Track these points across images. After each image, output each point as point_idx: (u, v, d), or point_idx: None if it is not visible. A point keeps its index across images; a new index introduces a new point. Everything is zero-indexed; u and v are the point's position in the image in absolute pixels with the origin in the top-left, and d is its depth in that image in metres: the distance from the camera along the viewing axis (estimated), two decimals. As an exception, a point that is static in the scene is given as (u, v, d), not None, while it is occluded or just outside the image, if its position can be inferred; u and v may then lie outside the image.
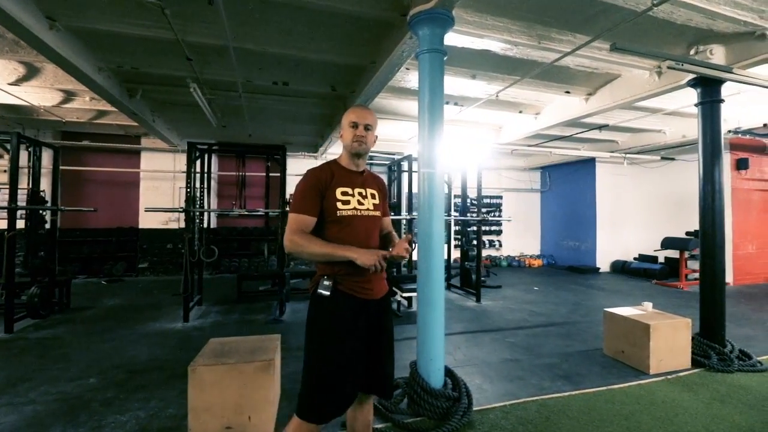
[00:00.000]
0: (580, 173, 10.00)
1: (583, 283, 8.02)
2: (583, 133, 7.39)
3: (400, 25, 3.29)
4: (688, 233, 7.80)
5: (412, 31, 2.94)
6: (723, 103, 3.73)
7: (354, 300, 1.62)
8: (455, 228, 8.22)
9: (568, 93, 5.35)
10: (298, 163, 9.08)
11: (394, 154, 8.49)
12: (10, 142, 4.44)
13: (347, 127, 1.69)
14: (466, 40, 3.63)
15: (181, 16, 3.30)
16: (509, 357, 3.72)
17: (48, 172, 6.07)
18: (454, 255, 8.32)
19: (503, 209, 11.06)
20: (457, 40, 3.62)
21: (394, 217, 6.22)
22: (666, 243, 7.90)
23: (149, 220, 8.31)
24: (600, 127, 6.97)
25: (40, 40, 3.23)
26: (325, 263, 1.61)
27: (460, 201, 7.58)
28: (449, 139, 7.23)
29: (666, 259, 8.55)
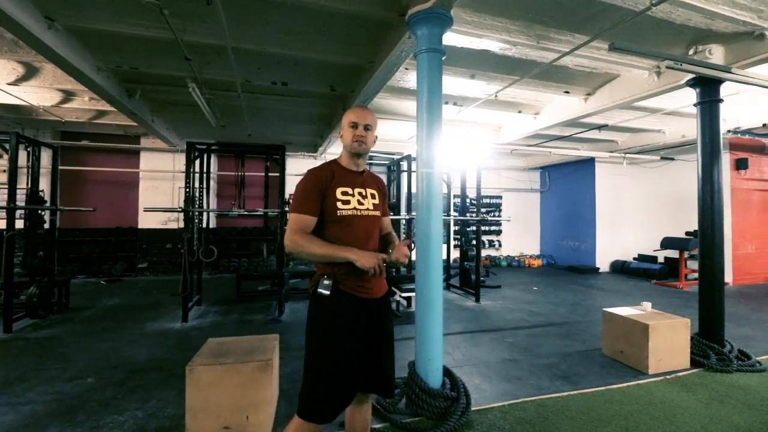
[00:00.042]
0: (580, 173, 10.00)
1: (583, 283, 8.01)
2: (583, 133, 7.39)
3: (398, 24, 3.29)
4: (687, 233, 7.79)
5: (411, 31, 2.95)
6: (722, 102, 3.73)
7: (354, 299, 1.62)
8: (455, 228, 8.22)
9: (568, 93, 5.35)
10: (298, 163, 9.09)
11: (393, 154, 8.50)
12: (9, 141, 4.44)
13: (347, 127, 1.69)
14: (465, 40, 3.63)
15: (180, 16, 3.30)
16: (508, 357, 3.72)
17: (47, 171, 6.09)
18: (454, 255, 8.32)
19: (503, 209, 11.06)
20: (456, 40, 3.62)
21: (394, 217, 6.22)
22: (665, 243, 7.90)
23: (148, 220, 8.31)
24: (599, 127, 6.97)
25: (38, 39, 3.24)
26: (326, 263, 1.61)
27: (459, 201, 7.58)
28: (449, 139, 7.25)
29: (665, 259, 8.55)
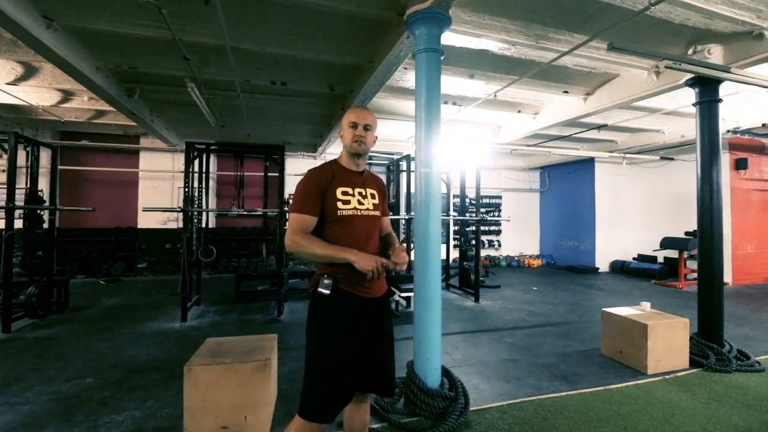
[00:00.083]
0: (579, 173, 9.99)
1: (582, 283, 8.01)
2: (582, 132, 7.39)
3: (397, 24, 3.28)
4: (687, 233, 7.79)
5: (409, 31, 2.94)
6: (721, 102, 3.73)
7: (354, 298, 1.62)
8: (454, 228, 8.22)
9: (567, 93, 5.35)
10: (297, 162, 9.10)
11: (392, 154, 8.50)
12: (8, 141, 4.44)
13: (347, 127, 1.70)
14: (463, 40, 3.63)
15: (179, 16, 3.30)
16: (507, 357, 3.72)
17: (46, 171, 6.10)
18: (453, 255, 8.31)
19: (502, 209, 11.06)
20: (455, 40, 3.62)
21: (393, 216, 6.22)
22: (665, 243, 7.89)
23: (148, 220, 8.30)
24: (599, 127, 6.97)
25: (37, 39, 3.23)
26: (326, 263, 1.61)
27: (458, 201, 7.58)
28: (448, 139, 7.26)
29: (665, 259, 8.55)
